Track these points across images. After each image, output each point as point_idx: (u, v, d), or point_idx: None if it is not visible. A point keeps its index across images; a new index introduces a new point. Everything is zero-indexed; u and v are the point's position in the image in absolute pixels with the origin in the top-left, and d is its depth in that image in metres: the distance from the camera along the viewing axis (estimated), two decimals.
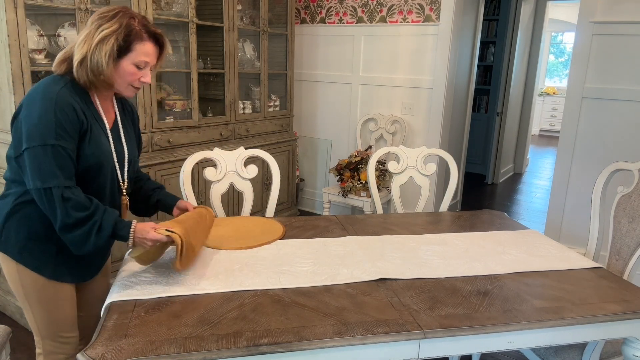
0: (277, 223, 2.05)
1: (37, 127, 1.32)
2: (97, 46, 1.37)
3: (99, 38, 1.37)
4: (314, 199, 4.69)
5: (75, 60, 1.39)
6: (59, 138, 1.33)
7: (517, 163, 6.73)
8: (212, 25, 3.30)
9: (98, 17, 1.40)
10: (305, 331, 1.25)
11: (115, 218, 1.41)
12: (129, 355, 1.13)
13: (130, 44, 1.41)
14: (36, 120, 1.33)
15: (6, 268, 1.48)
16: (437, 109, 3.79)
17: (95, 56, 1.38)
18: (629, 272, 1.84)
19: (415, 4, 3.77)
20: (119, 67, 1.42)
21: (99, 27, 1.38)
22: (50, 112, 1.33)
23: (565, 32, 10.12)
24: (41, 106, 1.33)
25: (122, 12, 1.42)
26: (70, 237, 1.37)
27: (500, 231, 2.08)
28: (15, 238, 1.44)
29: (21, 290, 1.49)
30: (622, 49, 3.14)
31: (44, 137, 1.32)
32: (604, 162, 2.37)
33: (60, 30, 2.61)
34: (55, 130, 1.33)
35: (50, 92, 1.36)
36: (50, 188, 1.32)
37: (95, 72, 1.40)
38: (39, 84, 1.41)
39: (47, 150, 1.32)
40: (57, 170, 1.33)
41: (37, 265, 1.46)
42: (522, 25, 5.70)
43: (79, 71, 1.40)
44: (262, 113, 3.84)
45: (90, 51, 1.37)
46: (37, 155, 1.32)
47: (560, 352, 1.69)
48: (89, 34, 1.39)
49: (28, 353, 2.36)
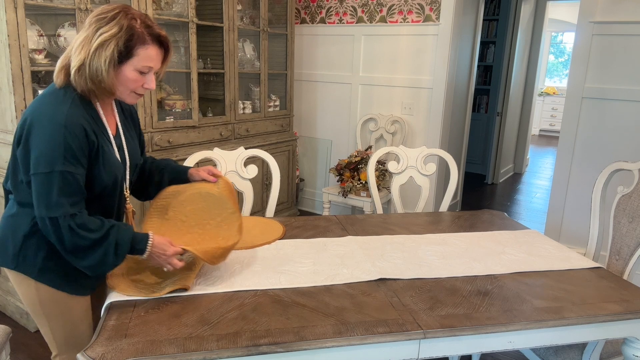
0: (277, 223, 2.05)
1: (44, 153, 1.24)
2: (96, 52, 1.27)
3: (97, 43, 1.26)
4: (314, 199, 4.69)
5: (73, 68, 1.29)
6: (67, 164, 1.25)
7: (517, 163, 6.73)
8: (212, 25, 3.30)
9: (96, 18, 1.29)
10: (305, 331, 1.25)
11: (132, 234, 1.35)
12: (129, 355, 1.13)
13: (132, 49, 1.30)
14: (43, 146, 1.24)
15: (23, 287, 1.41)
16: (437, 109, 3.79)
17: (94, 63, 1.27)
18: (629, 272, 1.84)
19: (415, 4, 3.77)
20: (121, 73, 1.32)
21: (97, 30, 1.27)
22: (59, 137, 1.24)
23: (565, 32, 10.12)
24: (49, 131, 1.24)
25: (123, 13, 1.30)
26: (86, 261, 1.30)
27: (500, 231, 2.08)
28: (33, 259, 1.37)
29: (39, 308, 1.42)
30: (622, 49, 3.14)
31: (51, 164, 1.24)
32: (604, 162, 2.36)
33: (60, 30, 2.61)
34: (64, 156, 1.24)
35: (58, 114, 1.26)
36: (57, 218, 1.25)
37: (95, 80, 1.29)
38: (43, 103, 1.31)
39: (54, 177, 1.24)
40: (62, 199, 1.25)
41: (58, 283, 1.40)
42: (522, 25, 5.70)
43: (77, 79, 1.30)
44: (262, 113, 3.84)
45: (88, 57, 1.27)
46: (43, 183, 1.25)
47: (560, 352, 1.69)
48: (87, 37, 1.28)
49: (28, 353, 2.36)
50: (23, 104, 2.33)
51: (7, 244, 1.38)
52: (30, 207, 1.33)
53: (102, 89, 1.32)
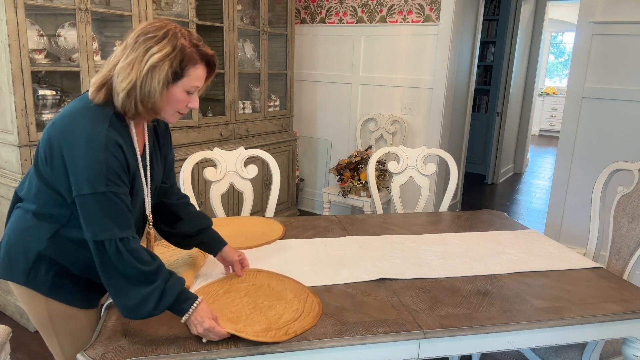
0: (277, 223, 2.05)
1: (85, 174, 1.15)
2: (149, 73, 1.19)
3: (150, 64, 1.19)
4: (314, 199, 4.69)
5: (123, 90, 1.20)
6: (110, 184, 1.17)
7: (517, 163, 6.73)
8: (212, 25, 3.30)
9: (144, 37, 1.21)
10: (305, 331, 1.25)
11: (182, 287, 1.23)
12: (129, 355, 1.12)
13: (184, 69, 1.24)
14: (84, 166, 1.16)
15: (32, 302, 1.34)
16: (437, 109, 3.79)
17: (147, 85, 1.20)
18: (629, 272, 1.84)
19: (415, 4, 3.77)
20: (170, 94, 1.25)
21: (148, 50, 1.20)
22: (100, 157, 1.16)
23: (565, 32, 10.11)
24: (90, 151, 1.16)
25: (172, 31, 1.23)
26: (124, 298, 1.18)
27: (500, 231, 2.08)
28: (44, 277, 1.30)
29: (48, 323, 1.36)
30: (622, 49, 3.14)
31: (94, 185, 1.15)
32: (604, 162, 2.36)
33: (60, 30, 2.61)
34: (106, 176, 1.17)
35: (98, 134, 1.18)
36: (102, 241, 1.16)
37: (145, 102, 1.22)
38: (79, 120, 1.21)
39: (98, 198, 1.16)
40: (108, 221, 1.17)
41: (70, 299, 1.34)
42: (522, 25, 5.69)
43: (125, 102, 1.22)
44: (262, 113, 3.84)
45: (140, 79, 1.20)
46: (87, 205, 1.17)
47: (560, 352, 1.69)
48: (137, 58, 1.20)
49: (28, 353, 2.36)
50: (23, 104, 2.33)
51: (19, 259, 1.30)
52: (48, 219, 1.28)
53: (149, 110, 1.25)
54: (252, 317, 1.29)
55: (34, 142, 2.40)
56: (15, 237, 1.32)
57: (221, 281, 1.49)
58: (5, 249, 1.33)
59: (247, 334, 1.20)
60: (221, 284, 1.47)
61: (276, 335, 1.21)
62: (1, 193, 2.49)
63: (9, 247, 1.32)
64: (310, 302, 1.38)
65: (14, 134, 2.35)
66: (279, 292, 1.44)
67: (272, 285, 1.47)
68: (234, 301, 1.37)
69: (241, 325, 1.25)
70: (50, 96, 2.54)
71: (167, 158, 1.52)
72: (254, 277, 1.52)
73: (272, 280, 1.51)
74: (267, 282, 1.49)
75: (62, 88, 2.68)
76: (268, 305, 1.35)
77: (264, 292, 1.43)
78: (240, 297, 1.40)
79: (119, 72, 1.21)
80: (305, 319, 1.29)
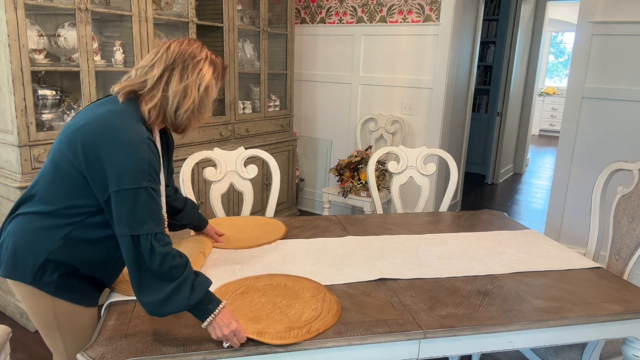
0: (280, 223, 2.05)
1: (128, 169, 1.19)
2: (206, 92, 1.36)
3: (205, 82, 1.35)
4: (314, 199, 4.69)
5: (186, 111, 1.33)
6: (152, 180, 1.23)
7: (517, 163, 6.73)
8: (212, 25, 3.30)
9: (193, 62, 1.34)
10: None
11: (209, 285, 1.24)
12: (129, 355, 1.13)
13: (220, 84, 1.44)
14: (127, 162, 1.19)
15: (37, 301, 1.34)
16: (437, 109, 3.79)
17: (205, 102, 1.37)
18: (629, 272, 1.84)
19: (415, 4, 3.77)
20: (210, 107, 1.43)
21: (200, 72, 1.34)
22: (143, 153, 1.21)
23: (565, 32, 10.11)
24: (132, 148, 1.21)
25: (208, 51, 1.39)
26: (151, 293, 1.19)
27: (500, 231, 2.08)
28: (50, 277, 1.31)
29: (53, 322, 1.37)
30: (622, 49, 3.14)
31: (137, 180, 1.19)
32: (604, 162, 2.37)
33: (60, 30, 2.61)
34: (149, 172, 1.22)
35: (138, 132, 1.24)
36: (139, 236, 1.19)
37: (201, 116, 1.39)
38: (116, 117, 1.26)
39: (140, 193, 1.20)
40: (147, 216, 1.20)
41: (76, 297, 1.36)
42: (522, 25, 5.69)
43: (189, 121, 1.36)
44: (262, 113, 3.84)
45: (199, 98, 1.34)
46: (127, 200, 1.19)
47: (560, 352, 1.69)
48: (194, 81, 1.33)
49: (28, 353, 2.36)
50: (23, 104, 2.33)
51: (27, 259, 1.31)
52: (65, 218, 1.29)
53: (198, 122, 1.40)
54: (273, 317, 1.29)
55: (34, 142, 2.40)
56: (24, 238, 1.32)
57: (238, 282, 1.49)
58: (12, 251, 1.32)
59: (270, 336, 1.20)
60: (238, 284, 1.48)
61: (299, 335, 1.21)
62: (1, 193, 2.49)
63: (16, 248, 1.32)
64: (329, 300, 1.39)
65: (14, 134, 2.35)
66: (296, 291, 1.44)
67: (288, 285, 1.48)
68: (253, 301, 1.38)
69: (263, 325, 1.25)
70: (50, 96, 2.54)
71: (170, 162, 1.64)
72: (270, 278, 1.52)
73: (288, 280, 1.51)
74: (284, 282, 1.50)
75: (62, 88, 2.68)
76: (287, 305, 1.36)
77: (281, 291, 1.44)
78: (259, 297, 1.40)
79: (174, 95, 1.32)
80: (326, 317, 1.30)
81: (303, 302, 1.38)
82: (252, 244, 1.81)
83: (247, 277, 1.53)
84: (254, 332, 1.21)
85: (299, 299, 1.40)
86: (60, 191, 1.29)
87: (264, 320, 1.28)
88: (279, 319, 1.29)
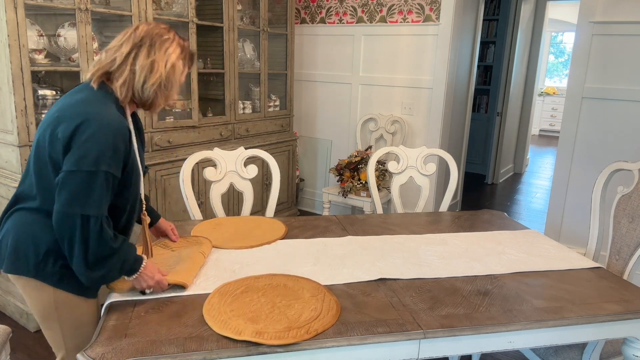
0: (280, 223, 2.05)
1: (92, 152, 1.24)
2: (173, 69, 1.42)
3: (172, 60, 1.41)
4: (314, 199, 4.69)
5: (152, 85, 1.38)
6: (112, 166, 1.28)
7: (517, 163, 6.73)
8: (212, 25, 3.30)
9: (161, 39, 1.40)
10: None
11: (135, 252, 1.38)
12: (129, 355, 1.13)
13: (188, 66, 1.51)
14: (92, 146, 1.24)
15: (39, 294, 1.39)
16: (437, 109, 3.79)
17: (172, 79, 1.43)
18: (629, 272, 1.84)
19: (415, 4, 3.77)
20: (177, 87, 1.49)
21: (166, 50, 1.41)
22: (109, 138, 1.27)
23: (565, 32, 10.11)
24: (100, 131, 1.26)
25: (176, 35, 1.46)
26: (96, 270, 1.28)
27: (500, 231, 2.08)
28: (53, 267, 1.36)
29: (54, 313, 1.41)
30: (622, 49, 3.14)
31: (97, 163, 1.24)
32: (604, 162, 2.36)
33: (60, 30, 2.61)
34: (111, 157, 1.27)
35: (109, 116, 1.30)
36: (89, 216, 1.24)
37: (169, 92, 1.45)
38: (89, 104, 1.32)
39: (99, 176, 1.25)
40: (100, 199, 1.26)
41: (77, 288, 1.39)
42: (522, 25, 5.69)
43: (156, 96, 1.41)
44: (262, 113, 3.84)
45: (165, 74, 1.40)
46: (84, 181, 1.24)
47: (560, 352, 1.69)
48: (160, 57, 1.39)
49: (28, 353, 2.36)
50: (23, 104, 2.33)
51: (28, 253, 1.35)
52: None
53: (166, 99, 1.47)
54: (272, 317, 1.30)
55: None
56: (24, 233, 1.36)
57: (238, 282, 1.49)
58: (13, 246, 1.36)
59: (269, 336, 1.20)
60: (238, 284, 1.47)
61: (298, 335, 1.22)
62: (1, 193, 2.49)
63: (16, 243, 1.36)
64: (328, 300, 1.39)
65: (13, 134, 2.35)
66: (295, 291, 1.44)
67: (288, 285, 1.48)
68: (252, 300, 1.38)
69: (262, 325, 1.25)
70: (50, 96, 2.54)
71: (144, 147, 1.65)
72: (270, 278, 1.52)
73: (288, 280, 1.51)
74: (283, 282, 1.50)
75: (62, 88, 2.68)
76: (286, 305, 1.36)
77: (280, 291, 1.44)
78: (258, 296, 1.40)
79: (142, 69, 1.37)
80: (325, 317, 1.30)
81: (302, 302, 1.38)
82: (252, 244, 1.81)
83: (247, 277, 1.53)
84: (253, 332, 1.21)
85: (299, 299, 1.40)
86: (49, 185, 1.32)
87: (263, 320, 1.28)
88: (278, 319, 1.29)
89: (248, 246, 1.79)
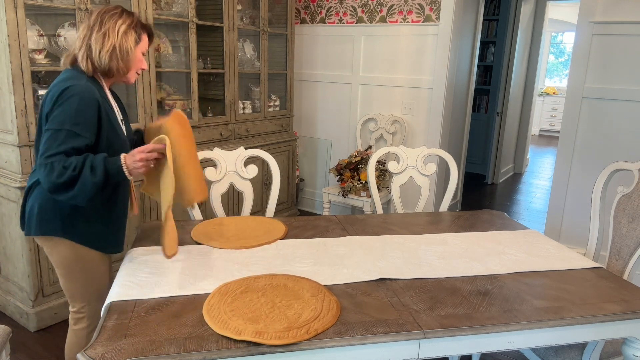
0: (280, 223, 2.05)
1: (59, 115, 1.50)
2: (124, 36, 1.61)
3: (122, 30, 1.60)
4: (314, 199, 4.69)
5: (106, 52, 1.58)
6: (76, 126, 1.50)
7: (517, 163, 6.73)
8: (212, 25, 3.30)
9: (109, 15, 1.61)
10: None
11: (104, 156, 1.54)
12: (129, 355, 1.13)
13: (140, 35, 1.67)
14: (61, 110, 1.50)
15: (64, 250, 1.65)
16: (437, 109, 3.79)
17: (125, 45, 1.61)
18: (629, 272, 1.84)
19: (415, 4, 3.77)
20: (134, 55, 1.66)
21: (116, 22, 1.60)
22: (74, 103, 1.50)
23: (565, 32, 10.11)
24: (67, 98, 1.50)
25: (125, 10, 1.65)
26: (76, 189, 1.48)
27: (500, 231, 2.08)
28: (77, 227, 1.64)
29: (76, 267, 1.68)
30: (622, 49, 3.14)
31: (62, 123, 1.49)
32: (604, 163, 2.37)
33: (60, 30, 2.61)
34: (75, 118, 1.50)
35: (76, 86, 1.53)
36: (52, 155, 1.48)
37: (125, 60, 1.62)
38: (65, 80, 1.56)
39: (61, 133, 1.49)
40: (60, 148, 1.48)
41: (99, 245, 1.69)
42: (522, 25, 5.69)
43: (107, 61, 1.59)
44: (262, 113, 3.84)
45: (118, 42, 1.59)
46: (50, 137, 1.49)
47: (560, 352, 1.69)
48: (109, 29, 1.59)
49: (28, 353, 2.36)
50: (23, 104, 2.33)
51: (55, 214, 1.61)
52: None
53: (123, 67, 1.64)
54: (272, 317, 1.30)
55: (34, 142, 2.39)
56: (48, 200, 1.60)
57: (238, 282, 1.49)
58: (39, 212, 1.61)
59: (268, 336, 1.20)
60: (238, 284, 1.47)
61: (298, 335, 1.21)
62: (1, 193, 2.49)
63: (41, 209, 1.61)
64: (328, 301, 1.39)
65: (13, 134, 2.35)
66: (296, 291, 1.44)
67: (288, 285, 1.48)
68: (252, 301, 1.38)
69: (262, 325, 1.25)
70: None
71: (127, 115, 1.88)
72: (270, 278, 1.53)
73: (288, 280, 1.51)
74: (284, 282, 1.50)
75: None
76: (286, 305, 1.36)
77: (280, 291, 1.44)
78: (258, 297, 1.40)
79: (95, 41, 1.59)
80: (325, 317, 1.30)
81: (302, 302, 1.38)
82: (252, 244, 1.81)
83: (247, 277, 1.53)
84: (253, 332, 1.21)
85: (299, 299, 1.40)
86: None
87: (263, 320, 1.28)
88: (278, 319, 1.29)
89: (248, 246, 1.79)
